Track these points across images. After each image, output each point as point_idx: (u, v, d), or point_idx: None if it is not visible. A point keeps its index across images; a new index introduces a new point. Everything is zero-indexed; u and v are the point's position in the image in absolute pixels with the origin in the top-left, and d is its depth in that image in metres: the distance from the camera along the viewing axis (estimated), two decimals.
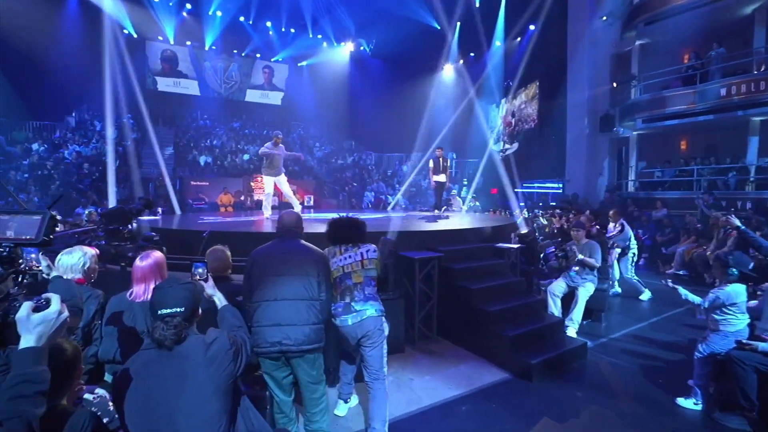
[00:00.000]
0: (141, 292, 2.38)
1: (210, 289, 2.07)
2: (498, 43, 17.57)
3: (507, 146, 16.52)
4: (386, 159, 22.19)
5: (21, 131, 15.47)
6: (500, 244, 5.46)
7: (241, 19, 20.20)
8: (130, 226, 3.38)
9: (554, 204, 11.33)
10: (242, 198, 14.04)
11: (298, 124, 23.72)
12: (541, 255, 6.01)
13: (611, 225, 6.63)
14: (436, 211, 8.95)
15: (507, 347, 4.00)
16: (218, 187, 14.13)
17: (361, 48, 22.36)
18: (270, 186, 7.53)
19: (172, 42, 20.74)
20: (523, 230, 6.08)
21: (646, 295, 6.48)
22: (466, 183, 18.64)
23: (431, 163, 8.86)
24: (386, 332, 2.88)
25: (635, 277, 6.55)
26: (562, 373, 3.96)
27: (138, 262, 2.43)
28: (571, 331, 4.77)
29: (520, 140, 15.61)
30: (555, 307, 5.07)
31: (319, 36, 21.53)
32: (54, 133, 16.09)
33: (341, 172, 17.85)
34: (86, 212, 8.74)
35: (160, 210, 9.17)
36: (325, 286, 2.60)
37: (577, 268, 5.16)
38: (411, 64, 20.46)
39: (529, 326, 4.27)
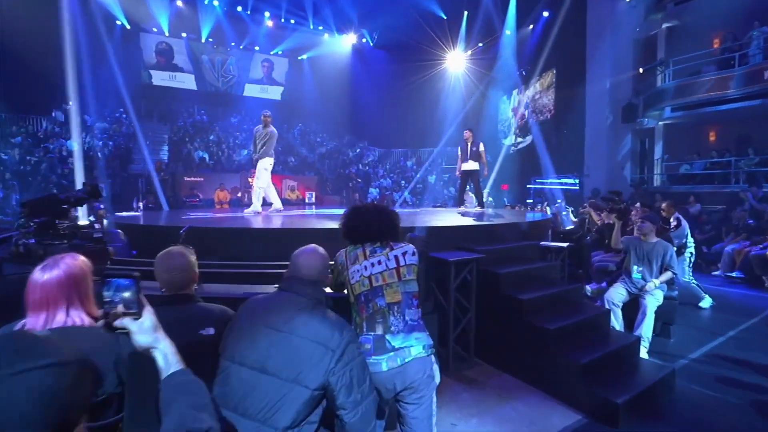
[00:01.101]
0: (39, 324, 1.40)
1: (145, 333, 1.00)
2: (509, 31, 16.57)
3: (519, 140, 15.53)
4: (391, 155, 21.21)
5: (4, 125, 14.47)
6: (546, 243, 4.47)
7: (239, 9, 19.18)
8: (68, 220, 2.39)
9: (589, 199, 10.32)
10: (239, 194, 13.05)
11: (298, 119, 22.74)
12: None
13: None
14: (464, 206, 7.67)
15: (577, 378, 3.01)
16: (214, 183, 13.14)
17: (363, 40, 21.36)
18: (269, 175, 6.53)
19: (167, 34, 19.74)
20: (567, 226, 5.08)
21: (706, 302, 5.50)
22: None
23: (459, 150, 7.41)
24: (438, 379, 1.89)
25: (693, 281, 5.57)
26: (650, 412, 2.97)
27: (36, 275, 1.44)
28: (643, 352, 3.78)
29: (533, 133, 14.60)
30: (616, 320, 4.08)
31: (320, 27, 20.52)
32: (40, 126, 15.07)
33: (344, 168, 16.85)
34: None
35: (140, 205, 8.16)
36: (346, 395, 1.44)
37: (641, 268, 4.19)
38: (416, 55, 19.45)
39: (600, 349, 3.28)
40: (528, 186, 16.44)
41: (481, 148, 7.08)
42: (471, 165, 7.04)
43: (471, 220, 5.18)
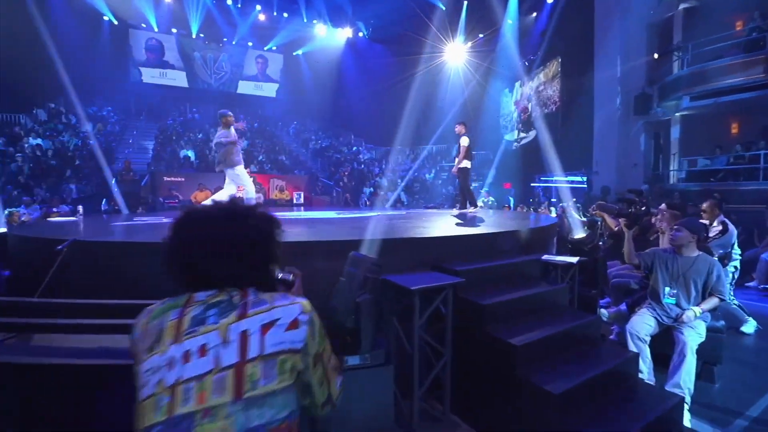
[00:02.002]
0: None
1: None
2: (510, 20, 15.44)
3: (522, 135, 14.41)
4: (388, 153, 20.19)
5: None
6: (549, 257, 3.41)
7: (229, 2, 18.26)
8: None
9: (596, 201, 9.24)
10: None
11: (294, 117, 21.80)
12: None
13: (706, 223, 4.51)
14: (472, 209, 6.67)
15: None
16: (195, 184, 12.18)
17: (360, 34, 20.33)
18: (234, 187, 5.49)
19: (155, 29, 18.89)
20: (577, 232, 4.00)
21: (750, 327, 4.39)
22: (475, 178, 16.58)
23: (465, 141, 6.43)
24: None
25: (735, 301, 4.46)
26: None
27: None
28: (686, 418, 2.71)
29: (537, 127, 13.47)
30: (644, 363, 3.01)
31: (315, 21, 19.53)
32: (25, 124, 14.24)
33: (337, 166, 15.85)
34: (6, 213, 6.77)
35: (79, 208, 7.19)
36: None
37: (674, 291, 3.13)
38: (414, 48, 18.36)
39: (625, 419, 2.24)
40: (532, 184, 15.32)
41: (463, 142, 6.27)
42: (466, 163, 6.31)
43: (457, 227, 4.13)
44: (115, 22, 18.03)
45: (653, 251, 3.38)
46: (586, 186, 12.92)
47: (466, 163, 6.34)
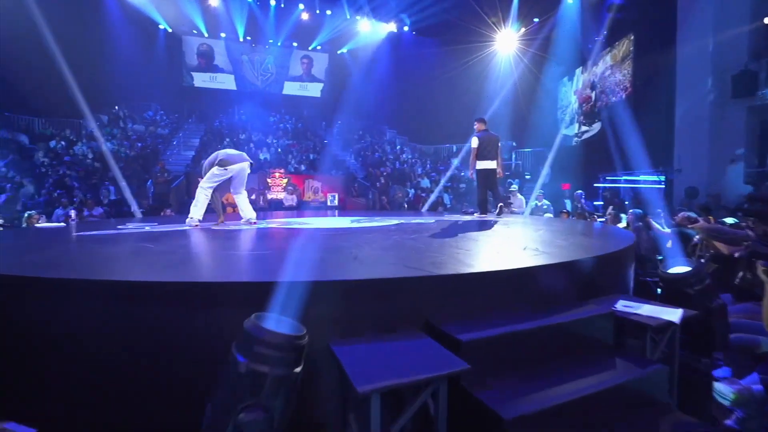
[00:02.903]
0: None
1: None
2: (570, 0, 13.46)
3: (585, 128, 12.41)
4: (435, 150, 18.82)
5: (47, 128, 14.40)
6: (627, 307, 2.04)
7: (272, 3, 17.94)
8: None
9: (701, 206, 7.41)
10: (253, 197, 11.53)
11: (338, 116, 21.16)
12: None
13: None
14: (491, 214, 5.80)
15: None
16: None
17: (405, 28, 19.14)
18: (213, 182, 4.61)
19: (206, 35, 19.14)
20: (676, 265, 2.49)
21: None
22: (528, 176, 14.73)
23: (474, 142, 5.76)
24: None
25: None
26: None
27: None
28: None
29: (603, 119, 11.47)
30: None
31: (358, 17, 18.66)
32: (83, 129, 14.82)
33: (378, 166, 14.81)
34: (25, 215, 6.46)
35: (72, 213, 6.71)
36: None
37: None
38: (460, 39, 16.86)
39: None
40: (596, 185, 13.21)
41: (472, 143, 5.73)
42: (488, 163, 5.66)
43: (477, 250, 2.82)
44: (170, 30, 18.46)
45: None
46: (664, 186, 10.72)
47: (486, 164, 5.64)
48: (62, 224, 5.77)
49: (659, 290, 2.77)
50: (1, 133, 13.04)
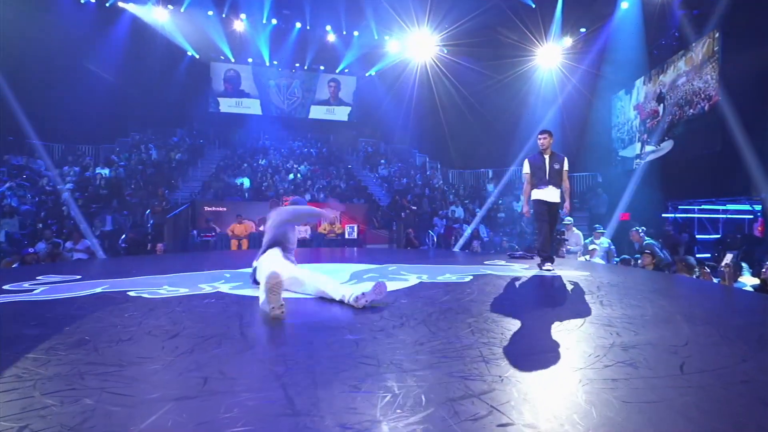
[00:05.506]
0: None
1: None
2: (626, 4, 11.61)
3: (650, 148, 10.27)
4: (469, 176, 16.94)
5: (67, 155, 13.93)
6: None
7: (297, 25, 17.21)
8: None
9: None
10: (261, 228, 10.13)
11: (366, 140, 19.92)
12: None
13: None
14: (548, 265, 3.96)
15: None
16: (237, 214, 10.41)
17: (437, 46, 17.81)
18: None
19: (232, 60, 18.67)
20: None
21: None
22: (578, 204, 12.56)
23: (527, 166, 4.21)
24: None
25: None
26: None
27: None
28: None
29: (676, 135, 9.32)
30: None
31: (386, 37, 17.56)
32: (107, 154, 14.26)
33: (404, 194, 13.16)
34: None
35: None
36: None
37: None
38: (499, 56, 15.29)
39: None
40: (664, 215, 10.89)
41: (565, 165, 4.10)
42: (551, 193, 4.03)
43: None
44: (197, 56, 18.10)
45: None
46: (754, 217, 8.39)
47: (536, 194, 4.10)
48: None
49: None
50: (17, 160, 12.58)
